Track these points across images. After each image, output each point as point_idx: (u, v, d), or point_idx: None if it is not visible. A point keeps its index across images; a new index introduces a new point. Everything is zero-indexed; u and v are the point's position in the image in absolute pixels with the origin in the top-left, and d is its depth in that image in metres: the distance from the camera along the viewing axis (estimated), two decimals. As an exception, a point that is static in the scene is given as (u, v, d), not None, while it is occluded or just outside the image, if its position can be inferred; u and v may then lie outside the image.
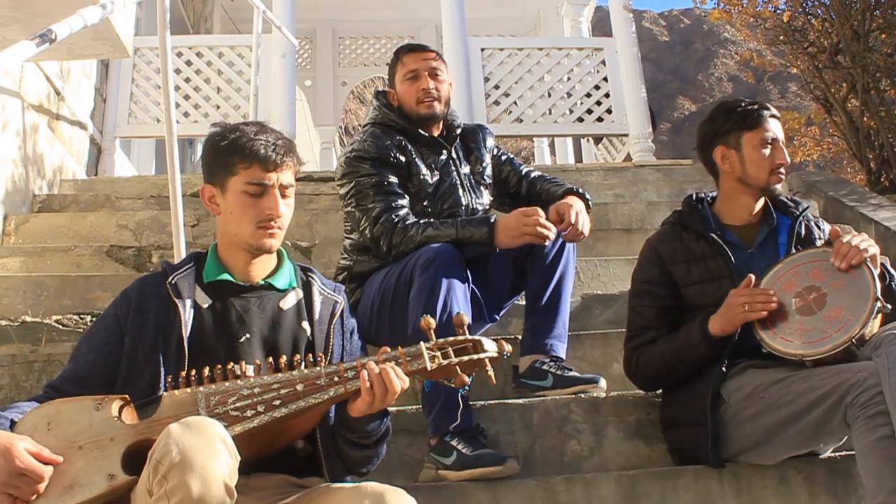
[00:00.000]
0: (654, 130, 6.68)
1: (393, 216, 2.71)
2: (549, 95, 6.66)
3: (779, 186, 2.56)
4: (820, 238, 2.58)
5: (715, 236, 2.52)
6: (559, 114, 6.65)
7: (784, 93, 25.43)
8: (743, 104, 2.59)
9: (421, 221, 2.71)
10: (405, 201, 2.79)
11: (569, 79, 6.71)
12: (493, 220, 2.64)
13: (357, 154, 2.84)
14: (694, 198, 2.65)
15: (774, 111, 2.61)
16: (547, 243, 2.63)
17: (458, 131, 3.04)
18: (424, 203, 2.86)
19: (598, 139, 7.90)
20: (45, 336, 3.00)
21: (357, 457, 1.97)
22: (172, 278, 1.99)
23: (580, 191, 2.91)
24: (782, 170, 2.54)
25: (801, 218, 2.59)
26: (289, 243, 4.08)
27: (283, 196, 2.00)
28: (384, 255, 2.74)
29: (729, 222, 2.59)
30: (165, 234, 4.24)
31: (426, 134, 2.94)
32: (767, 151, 2.53)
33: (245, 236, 1.99)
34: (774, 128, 2.56)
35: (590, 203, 2.88)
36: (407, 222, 2.70)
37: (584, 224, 2.73)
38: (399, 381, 1.80)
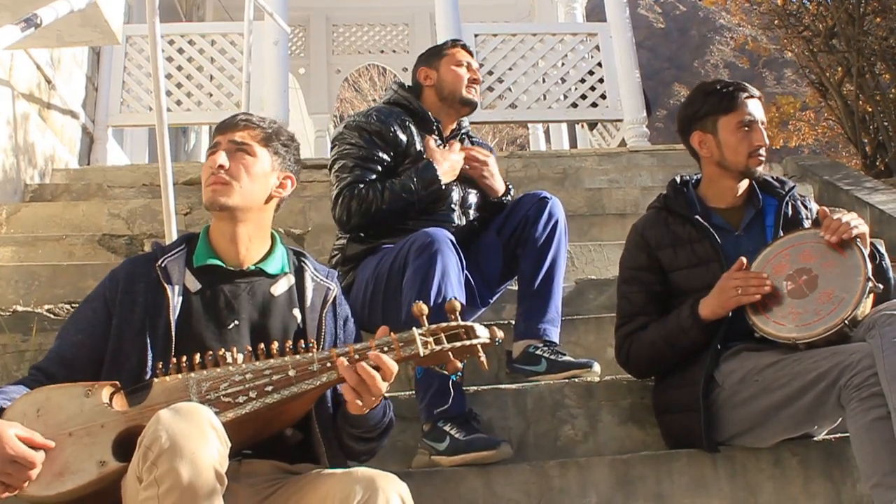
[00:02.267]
0: (648, 116, 6.67)
1: (356, 188, 2.74)
2: (544, 81, 6.64)
3: (759, 169, 2.51)
4: (807, 218, 2.54)
5: (700, 219, 2.48)
6: (553, 99, 6.63)
7: (780, 78, 25.37)
8: (719, 86, 2.54)
9: (376, 186, 2.74)
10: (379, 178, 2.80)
11: (563, 64, 6.69)
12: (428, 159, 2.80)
13: (358, 124, 2.88)
14: (679, 181, 2.62)
15: (753, 91, 2.54)
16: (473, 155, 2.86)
17: (464, 132, 3.09)
18: None
19: (592, 125, 7.88)
20: (37, 325, 2.98)
21: (362, 449, 1.97)
22: (162, 261, 1.97)
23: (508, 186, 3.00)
24: (761, 152, 2.49)
25: (787, 198, 2.55)
26: (281, 230, 4.06)
27: (236, 153, 2.00)
28: (346, 224, 2.76)
29: (714, 205, 2.56)
30: (158, 222, 4.22)
31: (436, 120, 2.97)
32: (744, 134, 2.48)
33: (203, 201, 2.00)
34: (753, 109, 2.50)
35: (511, 191, 2.99)
36: (361, 187, 2.74)
37: (491, 165, 2.93)
38: (375, 371, 1.75)
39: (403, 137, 2.87)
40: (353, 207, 2.73)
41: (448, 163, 2.81)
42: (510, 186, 3.00)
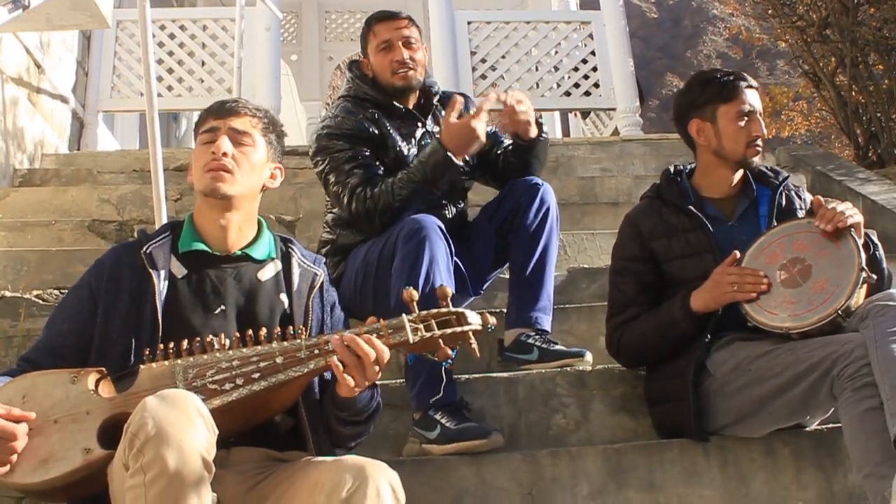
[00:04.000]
0: (641, 104, 6.65)
1: (367, 189, 2.65)
2: (537, 69, 6.62)
3: (756, 159, 2.49)
4: (801, 208, 2.53)
5: (694, 210, 2.47)
6: (546, 88, 6.61)
7: (773, 69, 25.34)
8: (719, 75, 2.53)
9: (386, 181, 2.65)
10: (381, 172, 2.73)
11: (556, 53, 6.67)
12: (437, 137, 2.63)
13: (329, 132, 2.78)
14: (672, 171, 2.60)
15: (752, 82, 2.53)
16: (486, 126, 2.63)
17: (437, 99, 2.98)
18: None
19: (585, 113, 7.87)
20: (25, 311, 2.97)
21: (349, 434, 1.96)
22: (147, 248, 1.96)
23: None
24: (759, 142, 2.48)
25: (781, 188, 2.54)
26: (272, 217, 4.05)
27: (237, 142, 1.98)
28: (369, 228, 2.69)
29: (708, 195, 2.54)
30: (148, 208, 4.19)
31: (401, 106, 2.88)
32: (743, 124, 2.46)
33: (200, 187, 1.97)
34: (752, 99, 2.48)
35: (543, 125, 2.87)
36: (374, 190, 2.64)
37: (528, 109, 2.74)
38: (371, 348, 1.75)
39: (377, 131, 2.79)
40: (370, 208, 2.63)
41: (455, 136, 2.57)
42: (542, 122, 2.85)
